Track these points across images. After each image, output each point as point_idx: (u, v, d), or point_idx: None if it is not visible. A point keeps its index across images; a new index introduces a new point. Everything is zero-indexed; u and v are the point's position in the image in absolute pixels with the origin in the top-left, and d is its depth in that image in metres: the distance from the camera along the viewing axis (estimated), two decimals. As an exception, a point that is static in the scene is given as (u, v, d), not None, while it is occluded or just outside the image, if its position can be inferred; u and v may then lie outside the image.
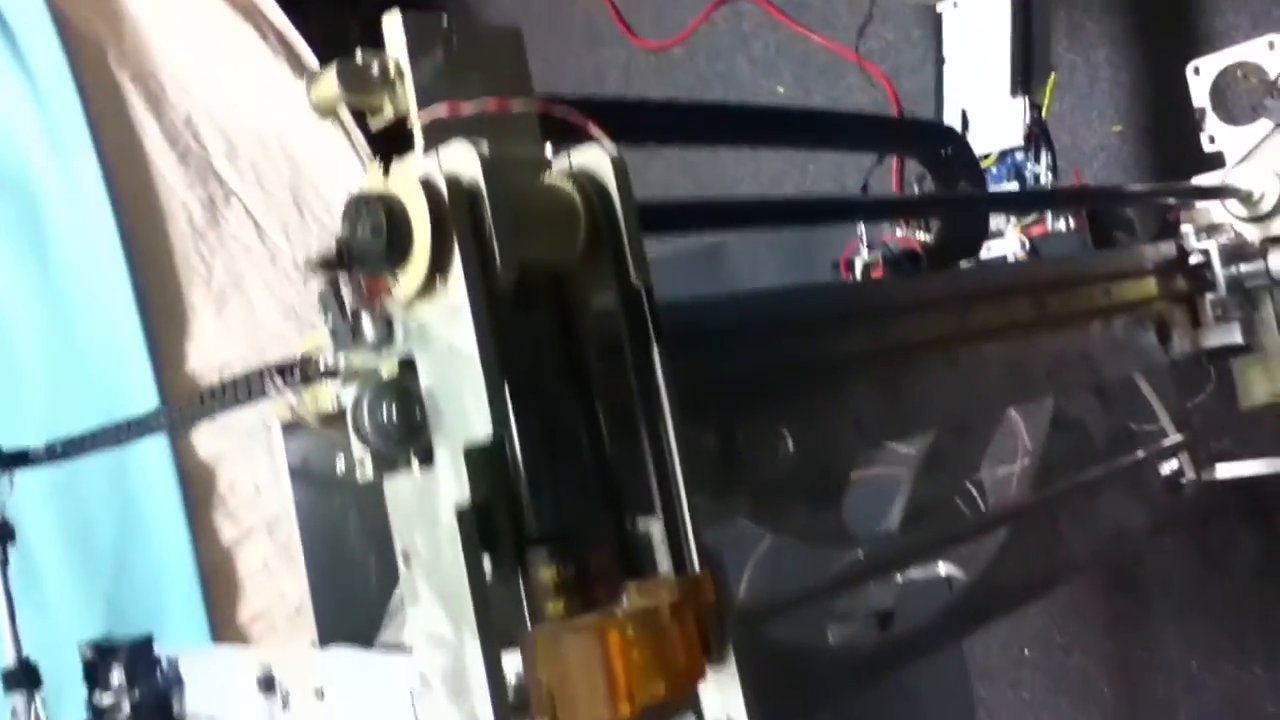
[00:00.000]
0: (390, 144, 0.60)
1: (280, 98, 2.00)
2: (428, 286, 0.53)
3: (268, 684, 0.88)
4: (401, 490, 0.57)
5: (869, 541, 0.83)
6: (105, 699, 1.00)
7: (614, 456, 0.57)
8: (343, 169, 2.04)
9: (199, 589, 1.83)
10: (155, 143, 1.94)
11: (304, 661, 0.84)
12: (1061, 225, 1.13)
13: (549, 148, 0.58)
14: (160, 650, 1.02)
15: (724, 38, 2.03)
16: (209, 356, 1.86)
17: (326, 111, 0.58)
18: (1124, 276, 1.09)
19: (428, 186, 0.52)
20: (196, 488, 1.84)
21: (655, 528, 0.56)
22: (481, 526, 0.54)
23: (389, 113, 0.58)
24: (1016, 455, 0.99)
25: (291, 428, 0.83)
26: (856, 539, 0.82)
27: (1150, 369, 1.13)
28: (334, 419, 0.79)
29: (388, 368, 0.56)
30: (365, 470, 0.58)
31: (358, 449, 0.57)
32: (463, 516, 0.53)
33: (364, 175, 1.66)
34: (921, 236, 1.00)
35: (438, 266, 0.52)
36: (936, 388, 0.88)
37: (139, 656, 1.02)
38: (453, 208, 0.52)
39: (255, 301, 1.92)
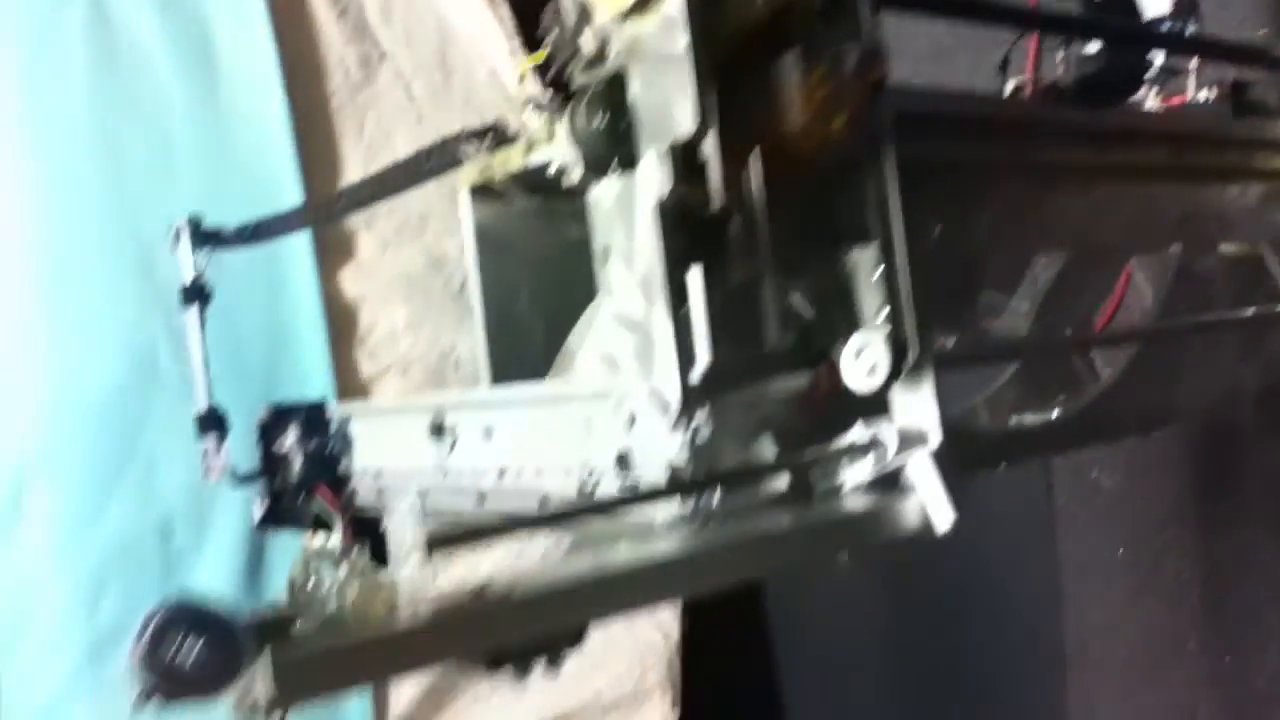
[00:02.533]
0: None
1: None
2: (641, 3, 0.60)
3: (438, 429, 0.98)
4: (606, 192, 0.65)
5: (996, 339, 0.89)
6: (280, 448, 1.12)
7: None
8: (488, 40, 2.12)
9: (326, 340, 1.92)
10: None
11: (476, 401, 0.93)
12: (1202, 96, 1.15)
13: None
14: (333, 412, 1.13)
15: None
16: (357, 203, 1.97)
17: None
18: (1265, 146, 1.11)
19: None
20: (340, 323, 1.96)
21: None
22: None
23: None
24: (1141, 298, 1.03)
25: (479, 192, 0.92)
26: (987, 331, 0.88)
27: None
28: (520, 179, 0.88)
29: (601, 81, 0.64)
30: (573, 176, 0.66)
31: (570, 155, 0.65)
32: (663, 204, 0.61)
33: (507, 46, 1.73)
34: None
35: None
36: (1067, 213, 0.93)
37: (314, 417, 1.13)
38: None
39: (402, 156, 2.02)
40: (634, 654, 2.27)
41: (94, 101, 1.76)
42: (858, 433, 0.68)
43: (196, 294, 1.14)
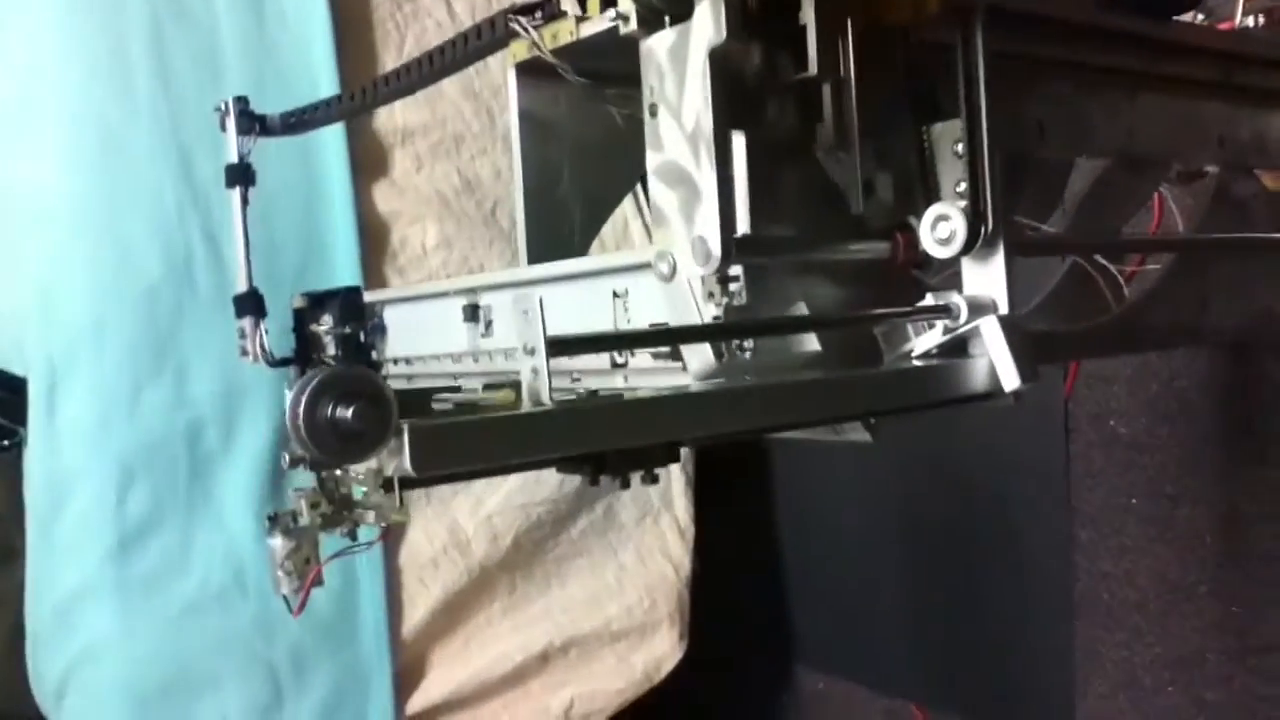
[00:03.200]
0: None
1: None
2: None
3: (472, 311, 0.99)
4: (660, 44, 0.66)
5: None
6: (315, 333, 1.13)
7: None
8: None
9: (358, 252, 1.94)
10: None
11: (511, 280, 0.94)
12: (1250, 22, 1.15)
13: None
14: (368, 298, 1.14)
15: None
16: (394, 119, 1.98)
17: None
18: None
19: None
20: (372, 238, 1.98)
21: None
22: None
23: None
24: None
25: (526, 70, 0.93)
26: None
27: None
28: (569, 55, 0.88)
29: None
30: (630, 24, 0.67)
31: (626, 3, 0.66)
32: (714, 54, 0.62)
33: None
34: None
35: None
36: (1112, 118, 0.94)
37: (349, 303, 1.14)
38: None
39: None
40: (645, 585, 2.30)
41: (142, 5, 1.77)
42: (928, 299, 0.72)
43: (241, 174, 1.15)
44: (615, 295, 0.79)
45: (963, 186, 0.72)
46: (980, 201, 0.71)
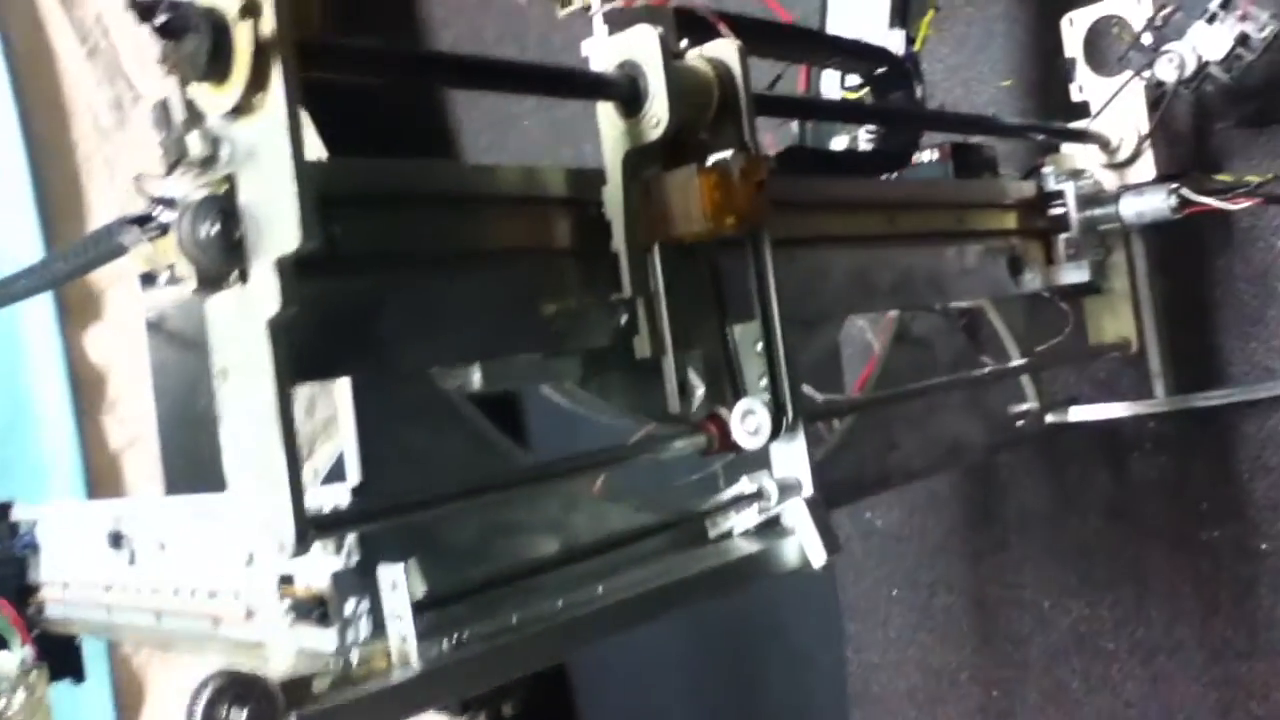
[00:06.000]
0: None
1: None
2: (248, 103, 0.56)
3: (116, 539, 0.90)
4: (222, 307, 0.60)
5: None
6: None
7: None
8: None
9: (84, 493, 1.83)
10: (64, 38, 1.92)
11: (149, 513, 0.86)
12: (925, 156, 1.18)
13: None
14: (18, 514, 1.03)
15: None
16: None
17: None
18: (980, 207, 1.14)
19: (250, 7, 0.54)
20: (87, 391, 1.84)
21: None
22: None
23: (578, 3, 0.85)
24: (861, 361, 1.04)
25: (149, 279, 0.85)
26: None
27: (1001, 300, 1.19)
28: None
29: (212, 185, 0.59)
30: (189, 288, 0.60)
31: (183, 266, 0.60)
32: (274, 326, 0.56)
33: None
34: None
35: (258, 84, 0.55)
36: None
37: (-3, 519, 1.03)
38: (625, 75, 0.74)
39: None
40: None
41: None
42: (744, 484, 0.82)
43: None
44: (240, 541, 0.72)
45: (764, 381, 0.79)
46: (780, 394, 0.79)
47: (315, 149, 1.72)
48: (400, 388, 0.70)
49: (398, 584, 0.63)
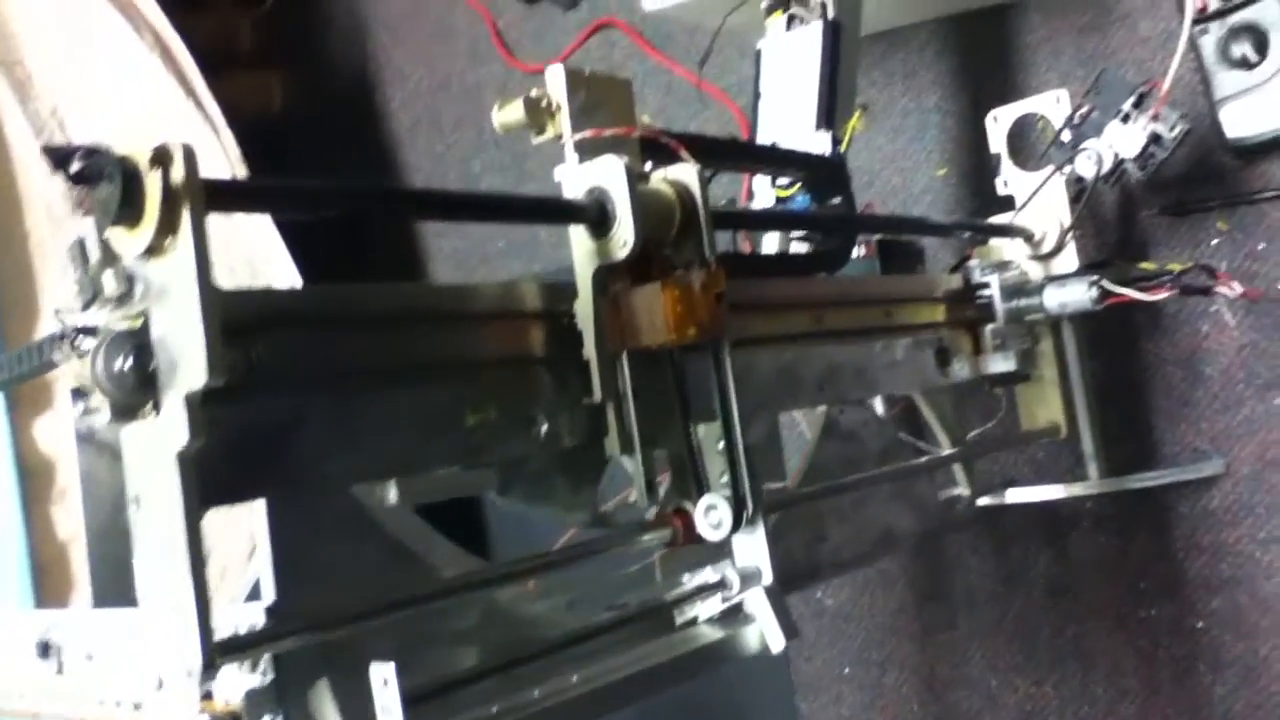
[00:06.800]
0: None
1: (150, 93, 2.01)
2: (159, 245, 0.58)
3: (44, 649, 0.90)
4: (135, 437, 0.61)
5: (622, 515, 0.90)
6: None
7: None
8: (214, 174, 2.04)
9: (31, 583, 1.81)
10: (18, 130, 1.94)
11: (77, 623, 0.86)
12: (855, 252, 1.21)
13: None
14: (-49, 616, 1.03)
15: (597, 64, 2.10)
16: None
17: (510, 129, 0.85)
18: (906, 301, 1.17)
19: (160, 156, 0.57)
20: (35, 480, 1.83)
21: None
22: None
23: (550, 133, 0.85)
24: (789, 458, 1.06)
25: (79, 393, 0.86)
26: (610, 517, 0.88)
27: (931, 390, 1.22)
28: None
29: (126, 320, 0.61)
30: (102, 418, 0.62)
31: (96, 397, 0.61)
32: (183, 461, 0.58)
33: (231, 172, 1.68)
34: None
35: (168, 228, 0.57)
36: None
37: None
38: (594, 200, 0.80)
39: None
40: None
41: None
42: (708, 574, 0.87)
43: None
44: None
45: (725, 478, 0.85)
46: (740, 489, 0.84)
47: (290, 276, 1.75)
48: (319, 504, 0.71)
49: (389, 680, 0.64)
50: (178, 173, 0.57)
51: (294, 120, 2.54)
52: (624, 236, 0.79)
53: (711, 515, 0.84)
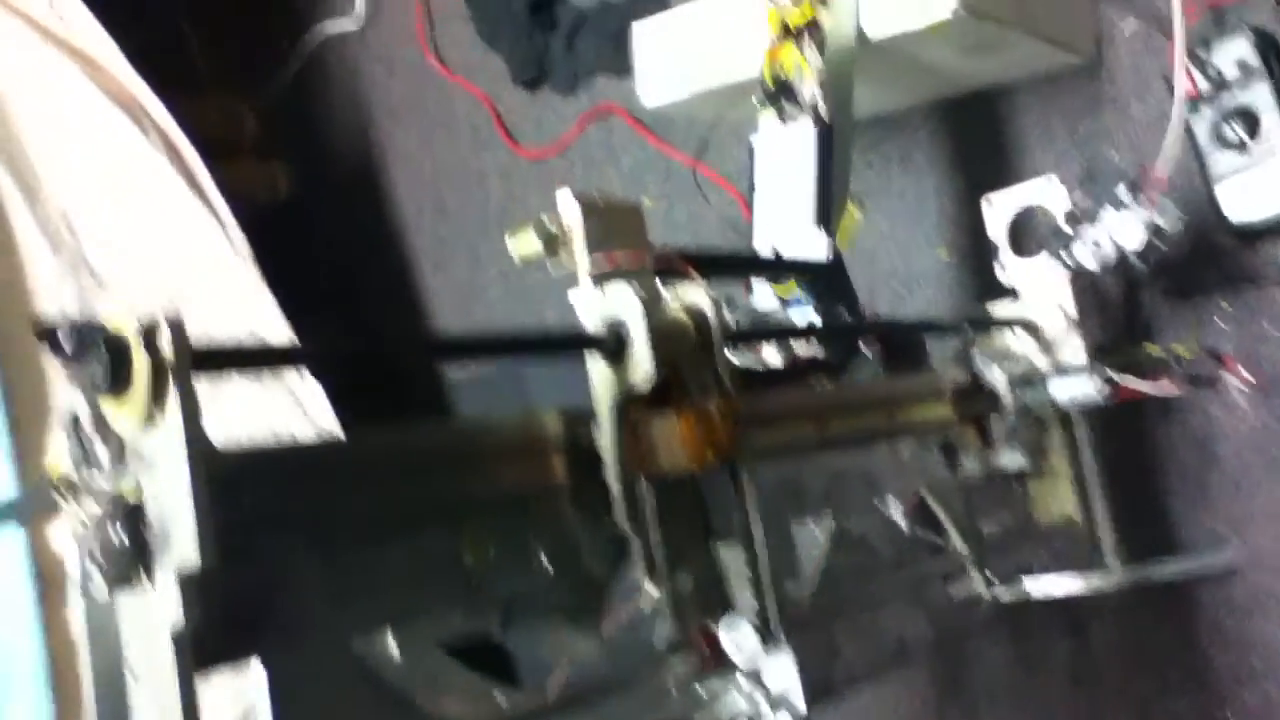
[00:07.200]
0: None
1: (158, 194, 2.03)
2: (149, 417, 0.58)
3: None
4: (130, 609, 0.61)
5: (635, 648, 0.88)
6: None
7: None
8: (221, 266, 2.06)
9: (47, 681, 1.80)
10: (28, 232, 1.96)
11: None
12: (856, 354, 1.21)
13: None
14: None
15: (597, 150, 2.12)
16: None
17: (529, 262, 0.87)
18: (911, 400, 1.16)
19: (148, 331, 0.57)
20: (50, 580, 1.83)
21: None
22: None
23: (565, 260, 0.87)
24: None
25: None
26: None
27: (941, 488, 1.20)
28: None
29: (120, 490, 0.60)
30: (97, 588, 0.61)
31: (90, 568, 0.61)
32: (177, 639, 0.57)
33: (242, 271, 1.69)
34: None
35: (156, 402, 0.57)
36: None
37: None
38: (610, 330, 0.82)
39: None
40: None
41: None
42: (740, 703, 0.85)
43: None
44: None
45: (749, 595, 0.85)
46: (764, 612, 0.85)
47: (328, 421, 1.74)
48: (318, 657, 0.70)
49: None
50: (165, 348, 0.57)
51: (301, 208, 2.56)
52: (643, 368, 0.80)
53: (735, 638, 0.84)
